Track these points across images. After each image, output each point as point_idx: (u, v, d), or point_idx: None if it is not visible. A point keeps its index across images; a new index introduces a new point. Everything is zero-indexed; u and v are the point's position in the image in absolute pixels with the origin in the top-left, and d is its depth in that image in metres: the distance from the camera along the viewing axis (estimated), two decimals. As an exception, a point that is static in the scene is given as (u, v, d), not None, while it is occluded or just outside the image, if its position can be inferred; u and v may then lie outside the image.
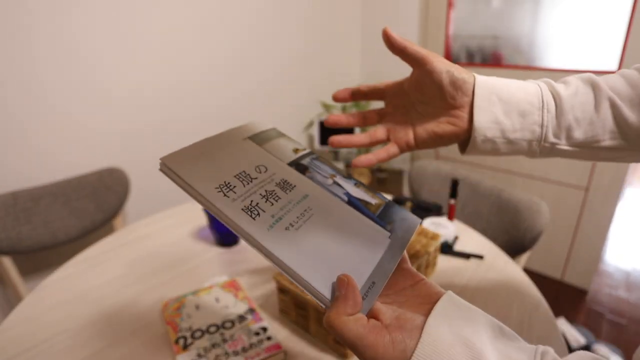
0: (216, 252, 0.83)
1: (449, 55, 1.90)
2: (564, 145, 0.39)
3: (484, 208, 1.11)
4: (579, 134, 0.38)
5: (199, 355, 0.54)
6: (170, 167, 0.31)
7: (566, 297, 1.74)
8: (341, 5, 1.98)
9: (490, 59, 1.78)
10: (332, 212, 0.33)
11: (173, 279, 0.74)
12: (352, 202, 0.35)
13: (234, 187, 0.31)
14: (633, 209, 2.49)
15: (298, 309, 0.59)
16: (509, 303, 0.67)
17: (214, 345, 0.56)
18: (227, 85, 1.58)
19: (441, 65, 0.38)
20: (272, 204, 0.32)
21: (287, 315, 0.62)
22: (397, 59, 1.94)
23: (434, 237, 0.73)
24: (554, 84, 0.40)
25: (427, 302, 0.29)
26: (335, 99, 0.44)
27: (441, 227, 0.85)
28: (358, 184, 0.38)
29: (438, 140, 0.41)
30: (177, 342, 0.57)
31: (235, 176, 0.32)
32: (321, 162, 0.39)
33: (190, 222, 0.96)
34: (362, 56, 2.19)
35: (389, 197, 0.34)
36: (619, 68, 1.46)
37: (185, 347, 0.56)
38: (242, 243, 0.86)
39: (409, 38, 1.94)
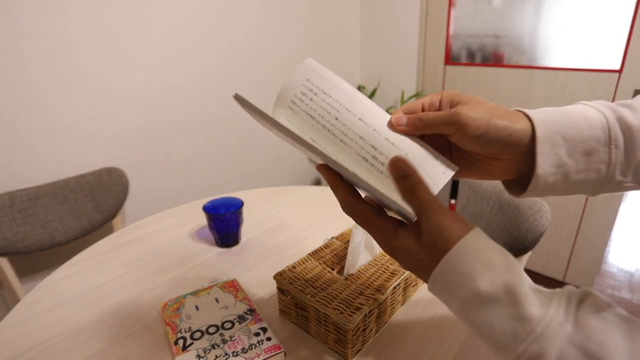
0: (216, 253, 0.82)
1: (450, 55, 1.89)
2: (630, 183, 0.34)
3: (484, 208, 1.10)
4: None
5: (199, 357, 0.53)
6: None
7: (568, 297, 1.73)
8: (340, 4, 1.97)
9: (492, 59, 1.78)
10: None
11: (172, 279, 0.74)
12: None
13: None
14: (636, 209, 2.48)
15: (298, 309, 0.59)
16: (511, 303, 0.66)
17: (213, 346, 0.55)
18: (226, 85, 1.58)
19: (474, 128, 0.33)
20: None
21: (287, 315, 0.62)
22: (396, 60, 1.94)
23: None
24: (621, 111, 0.33)
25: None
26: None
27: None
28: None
29: (473, 176, 0.38)
30: (176, 343, 0.56)
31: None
32: None
33: (190, 222, 0.95)
34: (362, 56, 2.18)
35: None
36: (622, 68, 1.45)
37: (185, 348, 0.55)
38: (242, 243, 0.85)
39: (409, 38, 1.94)
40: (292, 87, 0.38)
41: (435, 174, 0.36)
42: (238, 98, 0.34)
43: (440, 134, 0.36)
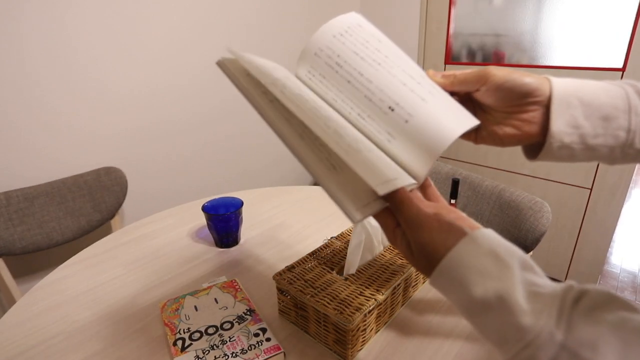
0: (215, 253, 0.82)
1: (450, 54, 1.89)
2: None
3: (485, 208, 1.10)
4: None
5: (197, 358, 0.53)
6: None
7: (569, 297, 1.72)
8: (340, 4, 1.97)
9: (492, 58, 1.77)
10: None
11: (171, 279, 0.73)
12: None
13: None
14: (639, 209, 2.47)
15: (298, 309, 0.58)
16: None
17: (212, 347, 0.55)
18: (226, 85, 1.57)
19: (498, 77, 0.36)
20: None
21: (287, 315, 0.61)
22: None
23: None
24: (639, 85, 0.36)
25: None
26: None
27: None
28: None
29: (497, 141, 0.39)
30: (175, 344, 0.55)
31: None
32: None
33: (189, 223, 0.95)
34: (363, 56, 2.17)
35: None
36: (625, 66, 1.45)
37: (184, 349, 0.54)
38: (242, 243, 0.85)
39: (409, 36, 1.94)
40: (322, 36, 0.41)
41: (465, 115, 0.37)
42: (221, 64, 0.37)
43: (467, 97, 0.39)
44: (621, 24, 1.42)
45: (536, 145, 0.38)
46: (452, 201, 0.93)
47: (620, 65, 1.45)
